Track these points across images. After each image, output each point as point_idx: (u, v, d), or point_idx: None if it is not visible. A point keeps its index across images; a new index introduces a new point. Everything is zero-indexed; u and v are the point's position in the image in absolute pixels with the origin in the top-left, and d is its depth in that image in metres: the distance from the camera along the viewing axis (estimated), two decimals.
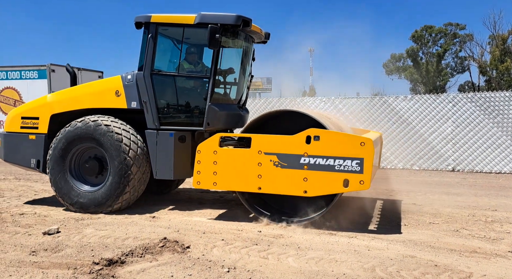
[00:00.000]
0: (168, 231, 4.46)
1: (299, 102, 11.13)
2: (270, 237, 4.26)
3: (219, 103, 5.48)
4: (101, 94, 5.55)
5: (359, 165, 4.21)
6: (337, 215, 5.29)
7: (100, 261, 3.41)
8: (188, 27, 5.28)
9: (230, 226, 4.69)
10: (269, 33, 6.08)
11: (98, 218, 5.04)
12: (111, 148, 5.14)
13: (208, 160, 4.72)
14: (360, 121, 10.66)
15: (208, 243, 4.03)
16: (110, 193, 5.16)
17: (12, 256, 3.61)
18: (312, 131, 4.40)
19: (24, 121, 5.80)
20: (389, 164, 10.53)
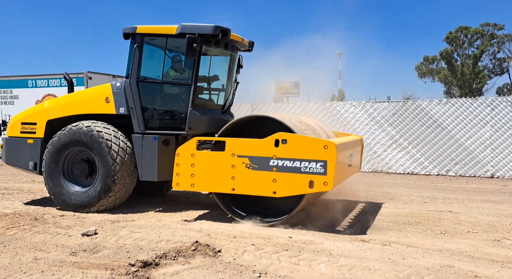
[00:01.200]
0: (199, 234, 4.53)
1: (329, 107, 11.02)
2: (300, 243, 4.23)
3: (201, 108, 5.74)
4: (93, 101, 5.90)
5: (323, 167, 4.38)
6: (369, 222, 5.20)
7: (135, 263, 3.52)
8: (170, 37, 5.58)
9: (259, 231, 4.70)
10: (252, 42, 6.35)
11: (132, 220, 5.20)
12: (99, 151, 5.44)
13: (186, 162, 4.95)
14: (392, 125, 10.41)
15: (238, 248, 4.06)
16: (99, 193, 5.45)
17: (54, 256, 3.80)
18: (280, 134, 4.59)
19: (23, 126, 6.19)
20: (423, 170, 10.19)
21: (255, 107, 11.63)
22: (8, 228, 4.71)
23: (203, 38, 5.45)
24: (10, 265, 3.50)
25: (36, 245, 4.10)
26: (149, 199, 6.56)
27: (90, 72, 13.35)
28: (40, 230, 4.64)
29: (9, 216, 5.24)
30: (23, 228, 4.70)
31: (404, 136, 10.32)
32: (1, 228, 4.70)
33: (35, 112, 6.28)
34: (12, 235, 4.44)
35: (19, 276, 3.29)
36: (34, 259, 3.68)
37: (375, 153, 10.61)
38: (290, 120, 5.06)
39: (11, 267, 3.45)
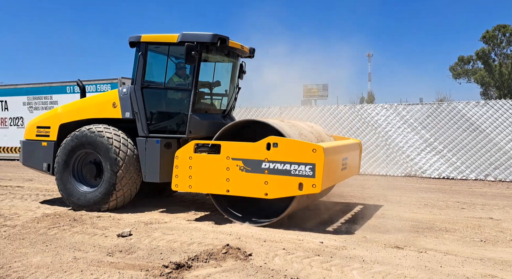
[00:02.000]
0: (230, 238, 4.57)
1: (359, 110, 10.82)
2: (332, 249, 4.17)
3: (201, 113, 5.97)
4: (101, 106, 6.22)
5: (312, 170, 4.50)
6: (403, 228, 5.05)
7: (169, 265, 3.59)
8: (172, 45, 5.82)
9: (290, 235, 4.68)
10: (253, 48, 6.56)
11: (164, 222, 5.31)
12: (105, 154, 5.75)
13: (184, 165, 5.16)
14: (426, 128, 10.07)
15: (269, 252, 4.05)
16: (104, 193, 5.75)
17: (92, 255, 3.94)
18: (271, 138, 4.75)
19: (38, 130, 6.59)
20: (460, 174, 9.78)
21: (283, 110, 11.61)
22: (50, 228, 4.94)
23: (202, 46, 5.67)
24: (52, 264, 3.67)
25: (75, 245, 4.27)
26: (182, 202, 6.69)
27: (124, 77, 13.84)
28: (79, 231, 4.83)
29: (50, 216, 5.50)
30: (63, 228, 4.92)
31: (439, 139, 9.95)
32: (43, 228, 4.94)
33: (49, 116, 6.66)
34: (53, 235, 4.65)
35: (60, 274, 3.44)
36: (73, 258, 3.84)
37: (408, 157, 10.30)
38: (282, 124, 5.15)
39: (53, 266, 3.62)
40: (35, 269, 3.52)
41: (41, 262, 3.70)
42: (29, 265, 3.62)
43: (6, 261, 3.71)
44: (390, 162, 10.49)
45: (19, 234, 4.65)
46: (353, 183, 9.39)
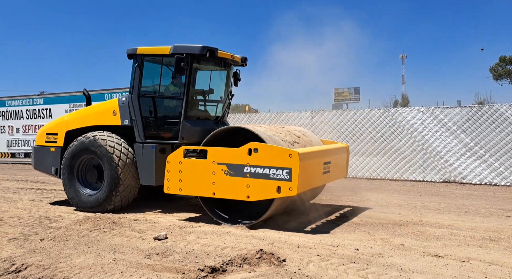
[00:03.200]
0: (263, 243, 4.58)
1: (394, 113, 10.54)
2: (368, 256, 4.07)
3: (194, 119, 6.27)
4: (103, 114, 6.64)
5: (288, 174, 4.73)
6: (443, 236, 4.85)
7: (204, 268, 3.65)
8: (165, 56, 6.15)
9: (324, 241, 4.62)
10: (245, 58, 6.88)
11: (198, 226, 5.41)
12: (106, 159, 6.13)
13: (175, 169, 5.47)
14: (466, 132, 9.64)
15: (303, 258, 4.02)
16: (105, 196, 6.14)
17: (131, 258, 4.08)
18: (252, 144, 4.98)
19: (47, 136, 7.08)
20: (503, 180, 9.27)
21: (315, 114, 11.52)
22: (91, 230, 5.17)
23: (193, 57, 6.00)
24: (94, 265, 3.83)
25: (115, 247, 4.44)
26: None
27: None
28: (118, 233, 5.02)
29: (91, 219, 5.75)
30: (103, 231, 5.13)
31: (480, 143, 9.49)
32: (85, 230, 5.18)
33: (57, 124, 7.14)
34: (95, 237, 4.86)
35: (102, 275, 3.59)
36: (114, 260, 3.99)
37: (447, 162, 9.89)
38: (264, 130, 5.39)
39: (95, 267, 3.78)
40: (79, 270, 3.70)
41: (84, 263, 3.88)
42: (73, 266, 3.80)
43: (52, 262, 3.91)
44: (427, 167, 10.12)
45: (63, 235, 4.89)
46: (388, 188, 9.14)
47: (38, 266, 3.78)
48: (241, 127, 5.42)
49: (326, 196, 8.05)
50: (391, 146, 10.50)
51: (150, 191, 7.00)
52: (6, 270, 3.66)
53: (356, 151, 10.89)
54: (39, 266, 3.76)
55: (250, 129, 5.24)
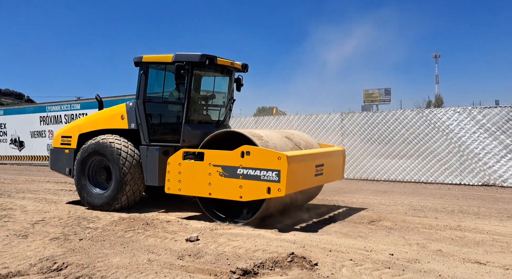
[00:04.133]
0: (294, 246, 4.54)
1: (428, 114, 10.18)
2: (403, 261, 3.94)
3: (194, 123, 6.54)
4: (112, 118, 7.02)
5: (277, 176, 4.97)
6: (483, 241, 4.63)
7: (236, 271, 3.66)
8: (168, 64, 6.43)
9: (357, 245, 4.52)
10: (245, 64, 7.09)
11: (229, 228, 5.44)
12: (113, 160, 6.50)
13: (175, 170, 5.80)
14: (507, 133, 9.16)
15: (336, 262, 3.95)
16: (113, 195, 6.52)
17: (164, 258, 4.17)
18: (245, 147, 5.23)
19: (63, 139, 7.55)
20: None
21: (345, 117, 11.33)
22: (126, 231, 5.32)
23: (194, 65, 6.26)
24: (129, 265, 3.94)
25: (149, 248, 4.55)
26: None
27: None
28: (151, 234, 5.14)
29: (126, 220, 5.93)
30: (137, 232, 5.27)
31: None
32: (120, 230, 5.34)
33: (71, 127, 7.59)
34: (129, 238, 5.00)
35: (137, 275, 3.68)
36: (148, 260, 4.09)
37: (486, 164, 9.43)
38: (257, 134, 5.62)
39: (131, 267, 3.89)
40: (116, 269, 3.81)
41: (120, 263, 4.00)
42: (110, 265, 3.92)
43: (91, 261, 4.06)
44: (464, 170, 9.70)
45: (100, 236, 5.07)
46: (423, 191, 8.83)
47: (77, 265, 3.93)
48: (234, 131, 5.72)
49: (357, 199, 7.89)
50: (425, 148, 10.14)
51: (156, 191, 7.29)
52: (49, 268, 3.84)
53: (387, 153, 10.61)
54: (79, 265, 3.92)
55: (243, 133, 5.51)
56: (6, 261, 4.07)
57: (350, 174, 11.15)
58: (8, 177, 12.47)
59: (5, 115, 18.82)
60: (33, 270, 3.81)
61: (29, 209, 6.91)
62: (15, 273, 3.72)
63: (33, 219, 6.07)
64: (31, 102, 45.11)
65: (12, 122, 18.29)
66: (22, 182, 10.98)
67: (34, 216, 6.34)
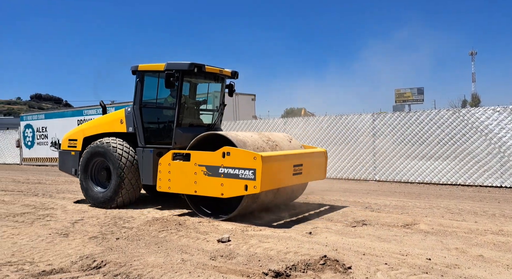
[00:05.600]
0: (326, 249, 4.48)
1: (465, 114, 9.76)
2: (442, 266, 3.80)
3: (185, 127, 6.97)
4: (112, 122, 7.54)
5: (253, 174, 5.37)
6: None
7: (268, 272, 3.67)
8: (161, 72, 6.81)
9: (392, 249, 4.40)
10: (235, 71, 7.54)
11: (259, 230, 5.46)
12: (112, 161, 7.01)
13: (165, 170, 6.27)
14: None
15: (370, 266, 3.86)
16: (112, 193, 7.02)
17: (197, 259, 4.24)
18: (226, 148, 5.66)
19: (69, 142, 8.12)
20: None
21: (376, 117, 11.08)
22: (160, 231, 5.46)
23: (184, 73, 6.70)
24: (164, 264, 4.04)
25: (182, 248, 4.64)
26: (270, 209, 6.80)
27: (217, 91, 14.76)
28: (184, 235, 5.24)
29: (159, 220, 6.08)
30: (170, 232, 5.39)
31: None
32: (154, 230, 5.48)
33: (77, 131, 8.14)
34: (163, 238, 5.12)
35: (172, 274, 3.76)
36: (182, 260, 4.17)
37: None
38: (238, 136, 6.02)
39: (165, 266, 3.98)
40: (151, 268, 3.92)
41: (155, 262, 4.11)
42: (146, 264, 4.04)
43: (127, 260, 4.20)
44: (505, 172, 9.21)
45: (135, 235, 5.23)
46: (460, 194, 8.47)
47: (115, 263, 4.07)
48: (216, 133, 6.15)
49: (390, 201, 7.68)
50: (463, 149, 9.73)
51: (155, 191, 7.60)
52: (89, 266, 4.00)
53: (422, 155, 10.26)
54: (116, 264, 4.06)
55: (224, 135, 5.97)
56: (50, 258, 4.29)
57: (382, 176, 10.88)
58: (49, 178, 13.12)
59: (46, 119, 19.84)
60: (74, 267, 3.99)
61: (69, 209, 7.24)
62: (58, 270, 3.91)
63: (73, 219, 6.35)
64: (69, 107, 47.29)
65: (52, 125, 19.25)
66: (62, 183, 11.52)
67: (73, 215, 6.64)
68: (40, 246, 4.75)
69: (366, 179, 11.14)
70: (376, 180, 10.99)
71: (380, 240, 4.84)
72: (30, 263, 4.13)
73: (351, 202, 7.68)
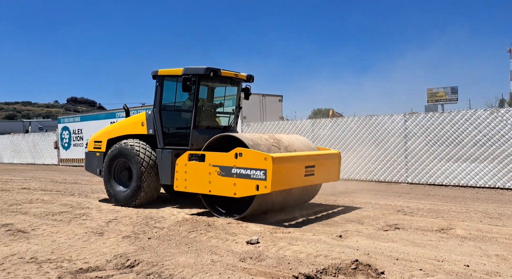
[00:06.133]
0: (357, 253, 4.39)
1: (504, 114, 9.28)
2: (482, 274, 3.62)
3: (202, 129, 7.23)
4: (134, 125, 7.87)
5: (264, 174, 5.53)
6: None
7: (298, 276, 3.63)
8: (179, 76, 7.08)
9: (427, 254, 4.25)
10: (250, 75, 7.75)
11: (288, 232, 5.42)
12: (133, 161, 7.32)
13: (182, 170, 6.49)
14: None
15: (404, 272, 3.74)
16: (132, 193, 7.34)
17: (227, 260, 4.26)
18: (238, 149, 5.83)
19: (95, 143, 8.47)
20: None
21: (408, 118, 10.75)
22: (189, 231, 5.54)
23: (201, 77, 6.97)
24: (194, 265, 4.09)
25: (212, 249, 4.68)
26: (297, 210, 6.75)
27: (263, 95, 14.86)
28: (213, 236, 5.29)
29: (189, 221, 6.18)
30: (200, 233, 5.46)
31: None
32: (184, 231, 5.57)
33: (102, 133, 8.49)
34: (193, 238, 5.20)
35: (202, 275, 3.81)
36: (212, 261, 4.21)
37: None
38: (251, 137, 6.20)
39: (196, 267, 4.03)
40: (182, 269, 3.98)
41: (186, 262, 4.17)
42: (177, 265, 4.10)
43: (159, 259, 4.29)
44: None
45: (166, 235, 5.34)
46: (500, 197, 8.06)
47: (147, 263, 4.17)
48: (230, 135, 6.34)
49: (424, 205, 7.42)
50: (502, 150, 9.25)
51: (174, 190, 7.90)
52: (123, 265, 4.12)
53: (457, 157, 9.85)
54: (148, 263, 4.15)
55: (237, 137, 6.17)
56: (86, 256, 4.45)
57: (415, 178, 10.53)
58: (84, 178, 13.66)
59: (81, 121, 20.68)
60: (109, 265, 4.12)
61: (103, 208, 7.49)
62: (94, 268, 4.05)
63: (107, 218, 6.57)
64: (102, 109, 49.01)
65: (87, 127, 20.03)
66: (97, 183, 11.95)
67: (108, 215, 6.87)
68: (77, 245, 4.94)
69: (397, 181, 10.82)
70: (408, 182, 10.66)
71: (414, 244, 4.68)
72: (68, 260, 4.31)
73: (383, 205, 7.49)
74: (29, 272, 3.96)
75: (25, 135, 26.09)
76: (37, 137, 23.99)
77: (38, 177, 14.76)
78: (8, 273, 3.94)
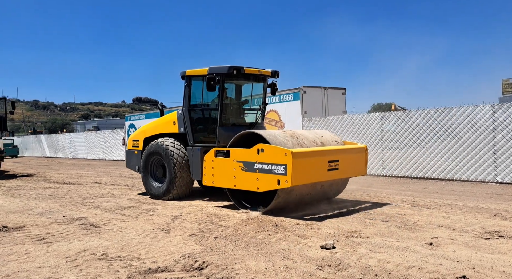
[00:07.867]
0: (460, 266, 3.67)
1: None
2: None
3: (229, 126, 7.39)
4: (167, 124, 8.18)
5: (285, 169, 5.62)
6: None
7: None
8: (205, 76, 7.19)
9: None
10: (275, 71, 7.77)
11: (366, 236, 4.82)
12: (167, 158, 7.68)
13: (209, 166, 6.74)
14: None
15: None
16: (166, 188, 7.72)
17: (302, 267, 3.79)
18: (260, 145, 5.96)
19: (133, 142, 8.87)
20: None
21: (497, 109, 9.40)
22: (256, 232, 5.17)
23: (225, 76, 7.13)
24: (267, 271, 3.68)
25: (283, 253, 4.24)
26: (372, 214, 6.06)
27: (305, 86, 14.19)
28: (282, 237, 4.86)
29: (254, 220, 5.81)
30: (268, 233, 5.06)
31: None
32: (250, 231, 5.21)
33: (139, 132, 8.81)
34: (261, 239, 4.80)
35: None
36: (285, 267, 3.77)
37: None
38: (273, 133, 6.25)
39: (269, 273, 3.62)
40: (254, 274, 3.59)
41: (257, 267, 3.77)
42: (247, 269, 3.73)
43: (228, 262, 3.95)
44: None
45: (233, 235, 5.01)
46: None
47: (216, 265, 3.84)
48: (253, 132, 6.42)
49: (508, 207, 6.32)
50: None
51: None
52: (191, 266, 3.84)
53: None
54: (218, 266, 3.83)
55: (259, 133, 6.22)
56: (155, 255, 4.26)
57: (506, 177, 9.19)
58: None
59: (146, 119, 21.55)
60: (177, 266, 3.86)
61: (168, 204, 7.45)
62: (163, 268, 3.81)
63: (173, 214, 6.46)
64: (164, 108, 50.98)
65: None
66: None
67: (173, 211, 6.77)
68: (145, 242, 4.80)
69: (483, 181, 9.54)
70: (497, 182, 9.34)
71: None
72: (137, 259, 4.15)
73: (473, 208, 6.52)
74: (100, 269, 3.85)
75: (97, 132, 27.97)
76: (108, 134, 25.55)
77: (108, 172, 15.55)
78: (81, 270, 3.85)
